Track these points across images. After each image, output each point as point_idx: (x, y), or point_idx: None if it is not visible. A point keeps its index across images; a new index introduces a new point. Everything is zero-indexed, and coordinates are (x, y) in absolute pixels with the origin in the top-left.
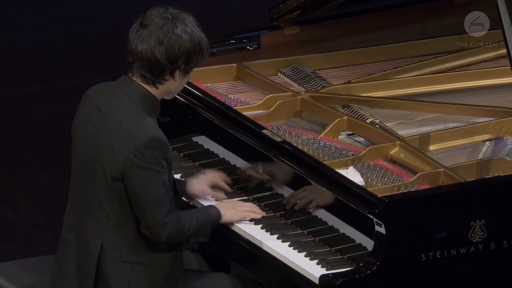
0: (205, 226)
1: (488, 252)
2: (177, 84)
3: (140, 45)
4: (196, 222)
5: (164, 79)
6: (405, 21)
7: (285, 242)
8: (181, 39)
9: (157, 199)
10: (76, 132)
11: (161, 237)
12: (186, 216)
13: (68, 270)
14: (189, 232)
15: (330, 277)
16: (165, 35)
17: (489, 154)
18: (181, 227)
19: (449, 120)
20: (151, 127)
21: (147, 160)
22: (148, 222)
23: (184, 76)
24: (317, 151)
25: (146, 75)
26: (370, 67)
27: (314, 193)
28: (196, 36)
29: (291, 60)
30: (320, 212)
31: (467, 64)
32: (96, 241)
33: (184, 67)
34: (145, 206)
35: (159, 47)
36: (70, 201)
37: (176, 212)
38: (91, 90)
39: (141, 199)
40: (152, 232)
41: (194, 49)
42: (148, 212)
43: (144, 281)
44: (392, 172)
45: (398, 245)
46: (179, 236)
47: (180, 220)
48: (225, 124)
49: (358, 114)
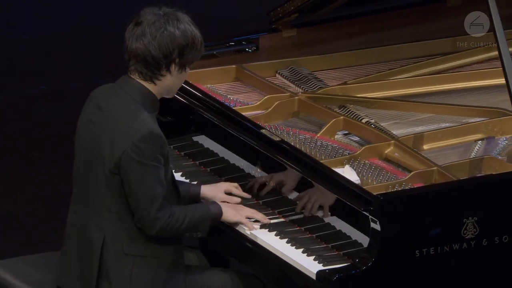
0: (202, 222)
1: (480, 249)
2: (175, 79)
3: (135, 42)
4: (190, 218)
5: (160, 74)
6: (399, 24)
7: (283, 238)
8: (173, 34)
9: (150, 195)
10: (78, 131)
11: (151, 231)
12: (180, 212)
13: (72, 265)
14: (182, 227)
15: (327, 272)
16: (157, 30)
17: (481, 153)
18: (173, 223)
19: (442, 120)
20: (148, 122)
21: (144, 155)
22: (141, 215)
23: (181, 72)
24: (314, 150)
25: (143, 71)
26: (366, 69)
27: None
28: (188, 31)
29: (288, 61)
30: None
31: (459, 66)
32: (98, 235)
33: (179, 60)
34: (139, 200)
35: (152, 42)
36: (73, 197)
37: (168, 208)
38: (94, 91)
39: (135, 193)
40: (144, 225)
41: (187, 42)
42: (141, 206)
43: (145, 273)
44: (387, 171)
45: (392, 242)
46: (171, 231)
47: (172, 216)
48: (224, 124)
49: (354, 114)
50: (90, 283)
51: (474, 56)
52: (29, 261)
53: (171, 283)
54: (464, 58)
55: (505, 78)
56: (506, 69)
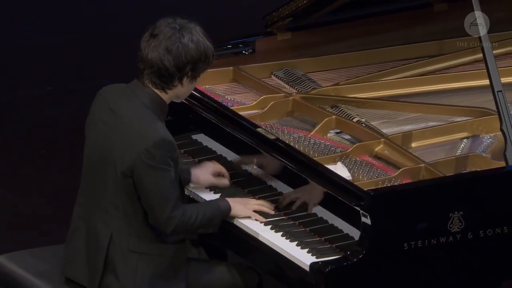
0: (213, 219)
1: (466, 242)
2: (185, 89)
3: (151, 53)
4: (203, 216)
5: (173, 85)
6: (388, 28)
7: (278, 232)
8: (188, 48)
9: (164, 196)
10: (88, 129)
11: (167, 230)
12: (192, 210)
13: (79, 257)
14: (195, 224)
15: (320, 264)
16: (173, 45)
17: (466, 150)
18: (186, 221)
19: (429, 119)
20: (160, 129)
21: (156, 159)
22: (156, 216)
23: (192, 82)
24: (308, 148)
25: (156, 81)
26: (357, 70)
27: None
28: (202, 45)
29: (283, 63)
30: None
31: (446, 68)
32: (105, 231)
33: (191, 73)
34: (153, 202)
35: (167, 55)
36: (81, 193)
37: (182, 207)
38: (105, 90)
39: (149, 195)
40: (160, 225)
41: (200, 57)
42: (156, 207)
43: (150, 269)
44: (377, 168)
45: (382, 235)
46: (185, 228)
47: (185, 215)
48: (222, 123)
49: (345, 113)
50: (96, 275)
51: (459, 58)
52: (37, 254)
53: (174, 276)
54: (450, 61)
55: (489, 79)
56: (490, 71)
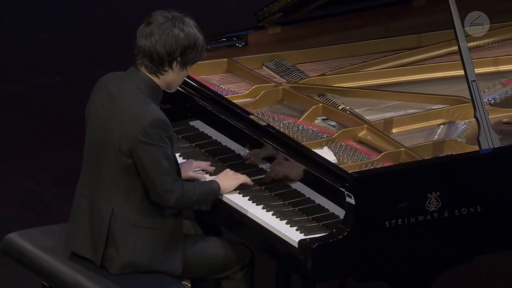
0: (207, 195)
1: (442, 220)
2: (176, 76)
3: (144, 40)
4: (200, 190)
5: (163, 70)
6: (371, 23)
7: (269, 211)
8: (178, 35)
9: (163, 169)
10: (90, 113)
11: (170, 202)
12: (189, 185)
13: (82, 233)
14: (193, 198)
15: (308, 241)
16: (164, 31)
17: (443, 136)
18: (186, 193)
19: (409, 107)
20: (155, 110)
21: (152, 137)
22: (157, 190)
23: (182, 70)
24: (297, 133)
25: (148, 65)
26: (342, 62)
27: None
28: (192, 34)
29: (274, 55)
30: (299, 185)
31: (423, 59)
32: (107, 207)
33: (181, 59)
34: (154, 176)
35: (159, 41)
36: (84, 171)
37: (180, 181)
38: (104, 78)
39: (149, 171)
40: (162, 199)
41: (189, 44)
42: (157, 181)
43: (149, 243)
44: (361, 152)
45: (365, 214)
46: (185, 201)
47: (184, 188)
48: (217, 111)
49: (331, 101)
50: (99, 248)
51: (436, 50)
52: (46, 231)
53: (171, 250)
54: (427, 53)
55: (463, 69)
56: (465, 62)
